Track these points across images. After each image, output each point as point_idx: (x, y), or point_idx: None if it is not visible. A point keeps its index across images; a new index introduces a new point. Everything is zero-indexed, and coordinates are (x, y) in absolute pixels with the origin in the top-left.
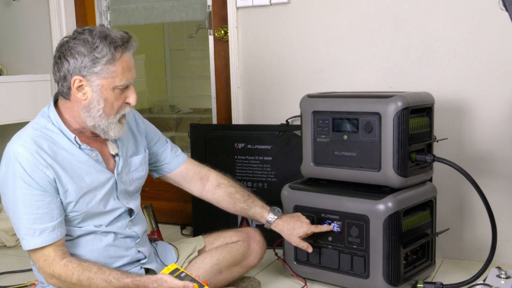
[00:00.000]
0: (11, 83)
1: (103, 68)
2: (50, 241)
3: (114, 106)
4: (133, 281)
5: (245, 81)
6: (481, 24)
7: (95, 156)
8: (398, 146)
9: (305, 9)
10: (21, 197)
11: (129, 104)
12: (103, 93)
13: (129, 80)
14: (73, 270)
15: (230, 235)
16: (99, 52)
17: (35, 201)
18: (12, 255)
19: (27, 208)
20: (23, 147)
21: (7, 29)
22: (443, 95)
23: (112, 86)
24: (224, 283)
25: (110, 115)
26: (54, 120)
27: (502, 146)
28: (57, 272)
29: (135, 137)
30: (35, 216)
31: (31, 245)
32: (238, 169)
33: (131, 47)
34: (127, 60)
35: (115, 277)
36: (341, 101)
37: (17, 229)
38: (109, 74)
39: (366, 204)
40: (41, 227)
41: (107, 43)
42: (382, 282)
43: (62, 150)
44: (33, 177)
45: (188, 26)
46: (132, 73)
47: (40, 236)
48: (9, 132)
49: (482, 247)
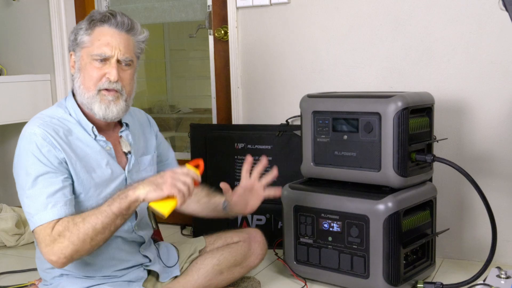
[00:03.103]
0: (11, 83)
1: (81, 39)
2: (62, 215)
3: (92, 78)
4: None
5: (245, 81)
6: (481, 24)
7: (109, 149)
8: (398, 146)
9: (305, 9)
10: (34, 174)
11: (108, 79)
12: (82, 63)
13: (105, 52)
14: (67, 220)
15: (231, 236)
16: (79, 27)
17: (48, 178)
18: (12, 255)
19: (40, 184)
20: (40, 128)
21: (7, 29)
22: (443, 95)
23: (90, 55)
24: (225, 284)
25: (90, 88)
26: (72, 110)
27: (502, 146)
28: (55, 234)
29: (145, 137)
30: (48, 190)
31: (43, 219)
32: (238, 169)
33: (111, 22)
34: (105, 33)
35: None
36: (341, 101)
37: (27, 207)
38: (85, 44)
39: (366, 204)
40: (54, 200)
41: (88, 17)
42: (382, 282)
43: (77, 140)
44: (47, 156)
45: (188, 26)
46: (111, 47)
47: (52, 209)
48: (9, 132)
49: (482, 247)
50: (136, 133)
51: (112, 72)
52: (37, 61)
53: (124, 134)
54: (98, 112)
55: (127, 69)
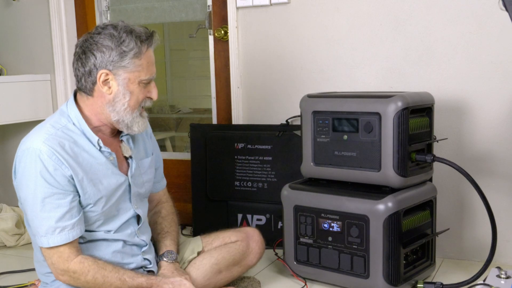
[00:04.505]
0: (11, 83)
1: (130, 62)
2: (69, 239)
3: (138, 99)
4: (147, 280)
5: (245, 81)
6: (481, 24)
7: (112, 159)
8: (398, 146)
9: (305, 9)
10: (41, 196)
11: (150, 99)
12: (129, 87)
13: (153, 75)
14: (89, 267)
15: (229, 235)
16: (126, 46)
17: (56, 200)
18: (12, 255)
19: (48, 206)
20: (46, 145)
21: (7, 29)
22: (443, 95)
23: (138, 80)
24: (223, 283)
25: (134, 109)
26: (75, 120)
27: (502, 146)
28: (72, 269)
29: (143, 140)
30: (56, 214)
31: (51, 243)
32: (238, 169)
33: (155, 42)
34: (151, 55)
35: (129, 276)
36: (341, 101)
37: (35, 227)
38: (135, 68)
39: (366, 204)
40: (61, 225)
41: (133, 37)
42: (382, 282)
43: (83, 151)
44: (54, 177)
45: (188, 26)
46: (154, 67)
47: (60, 234)
48: (9, 132)
49: (482, 247)
50: (135, 137)
51: (154, 92)
52: (37, 61)
53: (125, 138)
54: (139, 130)
55: None
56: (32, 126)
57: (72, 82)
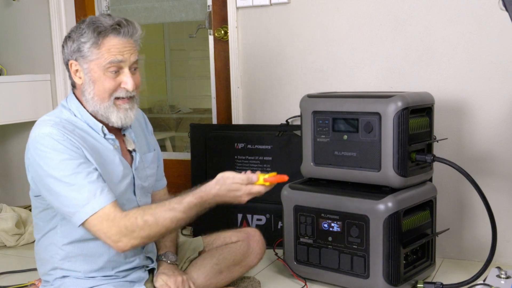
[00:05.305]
0: (11, 83)
1: (89, 51)
2: (112, 199)
3: (105, 88)
4: (194, 195)
5: (245, 81)
6: (481, 24)
7: (116, 147)
8: (398, 146)
9: (305, 9)
10: (70, 168)
11: (125, 89)
12: (93, 76)
13: (119, 65)
14: (135, 214)
15: (230, 235)
16: (84, 37)
17: (85, 168)
18: (12, 255)
19: (80, 176)
20: (54, 128)
21: (7, 29)
22: (443, 95)
23: (101, 68)
24: (224, 283)
25: (104, 98)
26: (77, 111)
27: (502, 146)
28: (123, 225)
29: (145, 135)
30: (91, 179)
31: (96, 206)
32: (238, 169)
33: (119, 32)
34: (115, 44)
35: (176, 202)
36: (341, 101)
37: (71, 203)
38: (95, 57)
39: (366, 204)
40: (101, 186)
41: (92, 28)
42: (382, 282)
43: (89, 137)
44: (73, 150)
45: (188, 26)
46: (123, 57)
47: (102, 195)
48: (9, 132)
49: (482, 247)
50: (137, 131)
51: (129, 82)
52: (37, 61)
53: (127, 132)
54: (117, 122)
55: (136, 71)
56: (32, 126)
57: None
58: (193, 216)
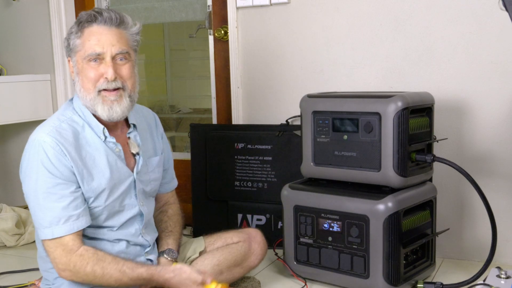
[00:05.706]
0: (11, 83)
1: (73, 43)
2: (74, 230)
3: (90, 79)
4: (147, 270)
5: (245, 81)
6: (481, 24)
7: (118, 151)
8: (398, 146)
9: (305, 9)
10: (45, 186)
11: (106, 79)
12: (78, 67)
13: (96, 50)
14: (88, 259)
15: (231, 236)
16: (71, 31)
17: (59, 190)
18: (12, 255)
19: (51, 197)
20: (50, 136)
21: (7, 29)
22: (443, 95)
23: (83, 58)
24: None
25: (89, 90)
26: (80, 111)
27: (502, 146)
28: (73, 262)
29: (152, 139)
30: (60, 204)
31: (56, 233)
32: (238, 169)
33: (99, 21)
34: (94, 32)
35: (129, 267)
36: (341, 101)
37: (38, 219)
38: (78, 48)
39: (366, 204)
40: (66, 215)
41: (77, 20)
42: (382, 282)
43: (86, 144)
44: (57, 167)
45: (188, 26)
46: (102, 45)
47: (65, 224)
48: (9, 132)
49: (482, 247)
50: (143, 134)
51: (109, 71)
52: (37, 61)
53: (132, 135)
54: (102, 114)
55: (124, 63)
56: (32, 126)
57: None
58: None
